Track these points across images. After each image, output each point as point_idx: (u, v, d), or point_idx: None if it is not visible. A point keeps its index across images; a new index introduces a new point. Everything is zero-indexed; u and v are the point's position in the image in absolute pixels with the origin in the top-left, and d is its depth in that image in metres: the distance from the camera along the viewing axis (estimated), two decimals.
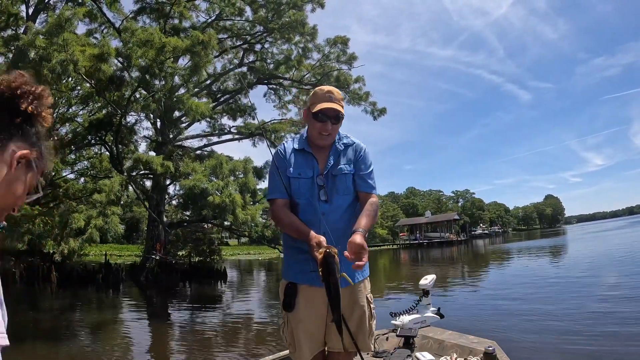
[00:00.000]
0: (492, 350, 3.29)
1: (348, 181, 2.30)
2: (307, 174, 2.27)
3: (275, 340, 8.09)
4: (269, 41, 25.27)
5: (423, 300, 4.31)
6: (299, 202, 2.24)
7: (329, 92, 2.23)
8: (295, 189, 2.25)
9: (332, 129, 2.24)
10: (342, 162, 2.30)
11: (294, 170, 2.27)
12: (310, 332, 2.23)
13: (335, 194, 2.26)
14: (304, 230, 2.10)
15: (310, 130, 2.30)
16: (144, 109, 18.34)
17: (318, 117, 2.20)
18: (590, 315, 8.14)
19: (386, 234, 77.90)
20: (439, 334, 4.07)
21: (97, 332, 10.00)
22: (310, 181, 2.26)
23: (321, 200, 2.24)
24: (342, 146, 2.34)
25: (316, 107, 2.19)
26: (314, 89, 2.34)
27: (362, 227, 2.05)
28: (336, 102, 2.22)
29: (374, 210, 2.22)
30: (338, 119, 2.24)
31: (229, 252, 52.27)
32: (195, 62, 16.50)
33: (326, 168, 2.28)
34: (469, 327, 6.38)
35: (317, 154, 2.31)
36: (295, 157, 2.31)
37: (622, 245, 25.74)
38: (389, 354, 3.73)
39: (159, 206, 21.93)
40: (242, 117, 26.55)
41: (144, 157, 17.88)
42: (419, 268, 25.46)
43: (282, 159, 2.31)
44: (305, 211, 2.22)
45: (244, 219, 18.37)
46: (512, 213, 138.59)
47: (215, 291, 18.62)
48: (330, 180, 2.27)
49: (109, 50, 15.72)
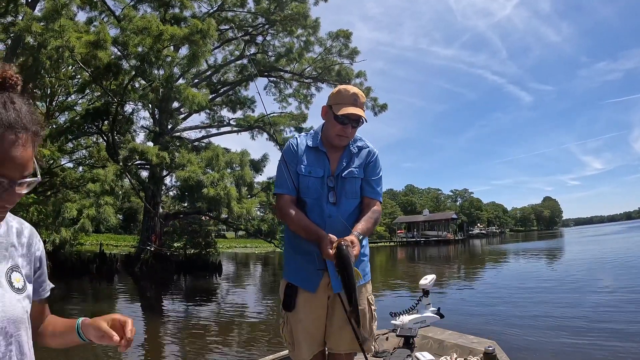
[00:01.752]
0: (492, 350, 3.26)
1: (357, 185, 2.27)
2: (318, 173, 2.22)
3: (268, 335, 8.10)
4: (270, 33, 25.06)
5: (423, 300, 4.27)
6: (307, 200, 2.20)
7: (354, 94, 2.18)
8: (304, 187, 2.21)
9: (351, 132, 2.21)
10: (354, 166, 2.26)
11: (305, 168, 2.22)
12: (309, 332, 2.22)
13: (343, 197, 2.23)
14: (313, 229, 2.08)
15: (327, 130, 2.25)
16: (141, 98, 18.12)
17: (340, 119, 2.14)
18: (590, 315, 8.22)
19: (383, 231, 77.91)
20: (439, 334, 4.07)
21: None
22: (320, 181, 2.22)
23: (329, 202, 2.20)
24: (355, 149, 2.30)
25: (341, 110, 2.13)
26: (338, 87, 2.26)
27: (357, 230, 2.06)
28: (360, 106, 2.18)
29: (374, 218, 2.22)
30: (358, 122, 2.19)
31: (226, 245, 52.39)
32: (194, 51, 16.23)
33: (338, 170, 2.24)
34: (469, 327, 6.43)
35: (330, 154, 2.26)
36: (308, 155, 2.25)
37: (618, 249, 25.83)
38: (389, 354, 3.71)
39: (155, 197, 21.73)
40: (242, 110, 26.48)
41: (139, 147, 17.60)
42: (416, 266, 25.41)
43: (293, 155, 2.25)
44: (312, 211, 2.18)
45: (239, 212, 18.18)
46: (510, 214, 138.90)
47: (210, 284, 18.50)
48: (340, 182, 2.23)
49: (105, 37, 15.41)
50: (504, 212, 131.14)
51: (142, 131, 24.71)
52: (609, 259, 19.65)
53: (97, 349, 7.30)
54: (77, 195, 15.98)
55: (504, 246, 44.92)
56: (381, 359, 3.60)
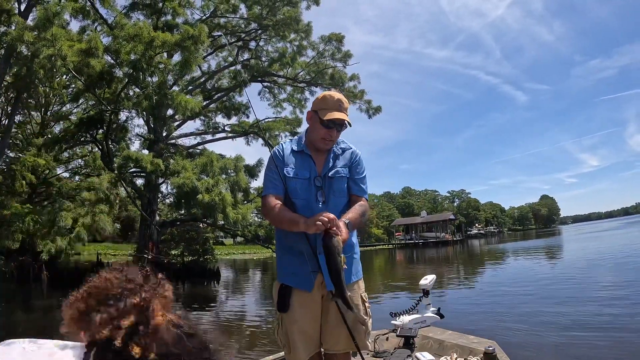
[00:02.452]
0: (492, 350, 3.24)
1: (344, 184, 2.34)
2: (304, 174, 2.28)
3: (267, 339, 7.96)
4: (263, 39, 25.06)
5: (423, 300, 4.22)
6: (296, 202, 2.24)
7: (339, 100, 2.26)
8: (292, 189, 2.25)
9: (336, 135, 2.29)
10: (339, 165, 2.34)
11: (292, 171, 2.28)
12: (305, 333, 2.21)
13: (332, 196, 2.29)
14: (295, 218, 2.10)
15: (312, 133, 2.33)
16: (135, 106, 18.04)
17: (326, 124, 2.22)
18: (589, 315, 8.15)
19: (382, 234, 77.82)
20: (439, 334, 4.06)
21: None
22: (307, 182, 2.28)
23: (318, 201, 2.25)
24: (339, 150, 2.39)
25: (327, 115, 2.21)
26: (322, 93, 2.37)
27: (346, 218, 2.11)
28: (344, 111, 2.27)
29: (361, 210, 2.26)
30: (342, 126, 2.28)
31: (224, 252, 52.21)
32: (186, 57, 16.18)
33: (324, 170, 2.31)
34: (469, 327, 6.37)
35: (315, 157, 2.33)
36: (293, 158, 2.32)
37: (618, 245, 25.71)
38: (389, 354, 3.69)
39: (152, 205, 21.60)
40: (237, 116, 26.48)
41: (133, 155, 17.47)
42: (415, 268, 25.32)
43: (279, 159, 2.31)
44: (303, 212, 2.20)
45: (235, 218, 18.07)
46: (508, 213, 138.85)
47: (208, 291, 18.38)
48: (327, 182, 2.29)
49: (97, 45, 15.33)
50: (502, 211, 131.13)
51: (138, 139, 24.70)
52: (609, 255, 19.51)
53: None
54: (72, 204, 15.86)
55: (502, 246, 44.78)
56: (381, 359, 3.58)
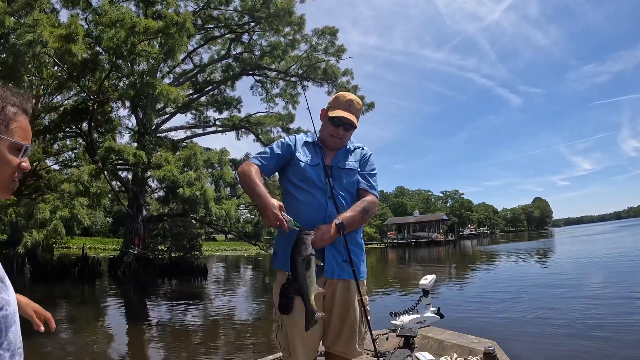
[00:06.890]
0: (492, 350, 3.28)
1: (353, 177, 2.33)
2: (315, 161, 2.29)
3: (253, 339, 7.92)
4: (257, 32, 24.57)
5: (423, 300, 4.29)
6: (303, 186, 2.23)
7: (349, 100, 2.33)
8: (300, 171, 2.26)
9: (344, 135, 2.33)
10: (350, 159, 2.36)
11: (303, 157, 2.30)
12: (307, 336, 2.14)
13: (341, 190, 2.26)
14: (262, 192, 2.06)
15: (322, 130, 2.40)
16: (122, 97, 17.48)
17: (333, 121, 2.29)
18: (589, 315, 8.26)
19: (374, 233, 77.67)
20: (439, 334, 4.10)
21: (70, 328, 9.48)
22: (317, 168, 2.27)
23: (328, 196, 2.20)
24: (351, 147, 2.43)
25: (334, 112, 2.29)
26: (337, 92, 2.42)
27: (340, 218, 2.10)
28: (354, 112, 2.32)
29: (363, 207, 2.21)
30: (351, 126, 2.32)
31: (215, 248, 52.11)
32: (170, 44, 15.60)
33: (334, 161, 2.33)
34: (469, 327, 6.40)
35: (327, 151, 2.37)
36: (306, 147, 2.36)
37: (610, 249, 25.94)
38: (389, 354, 3.72)
39: (139, 199, 21.09)
40: (228, 110, 26.10)
41: (116, 146, 16.84)
42: (407, 268, 25.10)
43: (290, 144, 2.35)
44: (312, 208, 2.19)
45: (218, 214, 17.55)
46: (501, 214, 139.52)
47: (194, 287, 17.98)
48: (336, 172, 2.29)
49: (77, 30, 14.69)
50: (495, 212, 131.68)
51: (128, 132, 24.23)
52: (603, 258, 19.80)
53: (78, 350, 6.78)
54: (51, 196, 15.28)
55: (495, 247, 45.02)
56: (381, 359, 3.52)
